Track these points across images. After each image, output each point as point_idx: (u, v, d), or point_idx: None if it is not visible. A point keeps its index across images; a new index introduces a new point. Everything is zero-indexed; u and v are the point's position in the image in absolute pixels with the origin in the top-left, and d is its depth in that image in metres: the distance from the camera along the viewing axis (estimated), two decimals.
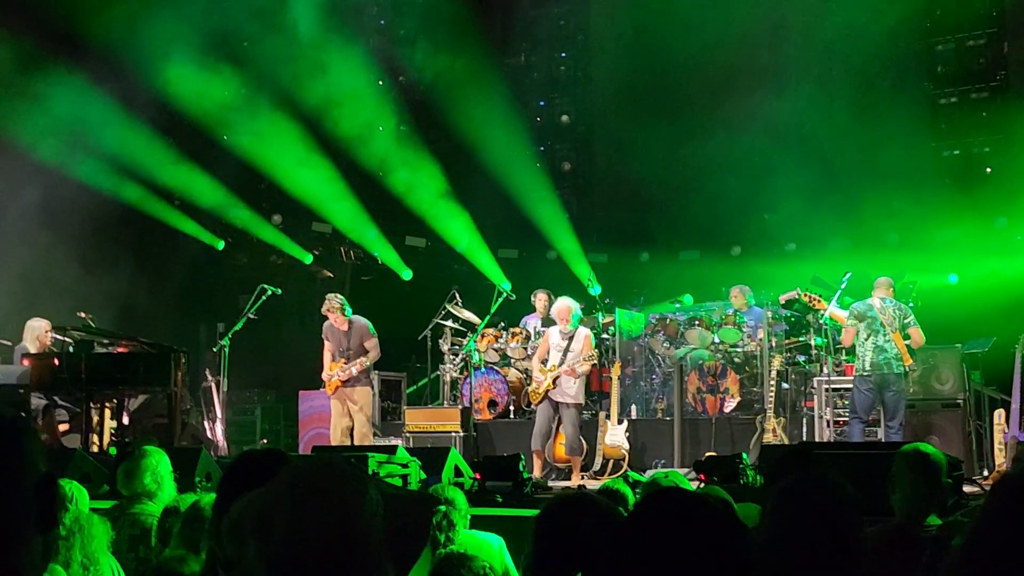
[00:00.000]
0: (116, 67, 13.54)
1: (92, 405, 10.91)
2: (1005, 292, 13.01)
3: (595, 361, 11.72)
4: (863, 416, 10.71)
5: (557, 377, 11.36)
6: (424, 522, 4.38)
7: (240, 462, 3.41)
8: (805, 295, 11.41)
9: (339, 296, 11.79)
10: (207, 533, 3.30)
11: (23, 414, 9.97)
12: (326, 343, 11.71)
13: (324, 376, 11.72)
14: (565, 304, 11.65)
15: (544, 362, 11.59)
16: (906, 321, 10.71)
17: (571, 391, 11.37)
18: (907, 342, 10.72)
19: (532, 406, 11.97)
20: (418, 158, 15.54)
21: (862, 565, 2.61)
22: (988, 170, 14.63)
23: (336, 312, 11.57)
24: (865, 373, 10.70)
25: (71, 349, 11.27)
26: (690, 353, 12.98)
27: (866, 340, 10.72)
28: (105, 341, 11.48)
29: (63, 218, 13.61)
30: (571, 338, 11.49)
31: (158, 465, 5.45)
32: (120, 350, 11.43)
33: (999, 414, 11.03)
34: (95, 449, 10.61)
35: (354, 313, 11.70)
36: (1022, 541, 1.57)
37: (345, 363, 11.48)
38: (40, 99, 13.62)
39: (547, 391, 11.41)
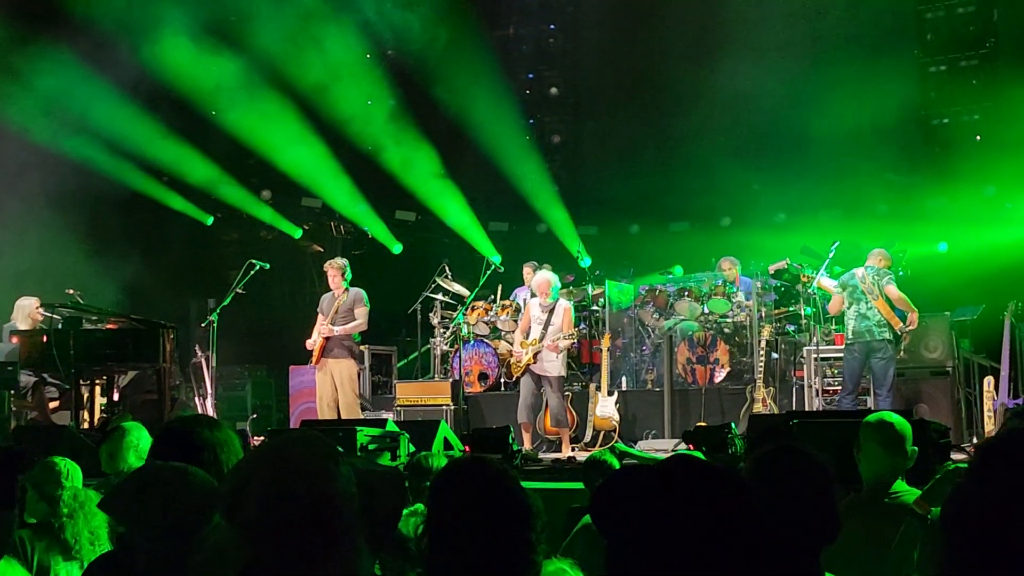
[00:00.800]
0: (104, 43, 13.45)
1: (82, 382, 10.90)
2: (994, 260, 13.02)
3: (575, 340, 11.73)
4: (850, 385, 10.76)
5: (538, 352, 11.37)
6: (399, 499, 4.29)
7: (165, 431, 3.39)
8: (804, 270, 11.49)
9: (344, 260, 11.79)
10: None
11: None
12: (318, 316, 11.67)
13: (308, 344, 11.66)
14: (544, 277, 11.66)
15: (527, 334, 11.60)
16: (882, 283, 10.71)
17: (552, 365, 11.38)
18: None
19: (514, 379, 11.98)
20: (407, 132, 15.47)
21: (837, 533, 2.61)
22: (978, 138, 14.59)
23: (336, 270, 11.54)
24: (849, 341, 10.79)
25: (60, 326, 11.24)
26: (678, 325, 13.00)
27: (849, 308, 10.81)
28: (94, 318, 11.46)
29: (52, 196, 13.55)
30: (551, 311, 11.49)
31: (139, 441, 5.43)
32: (109, 326, 11.41)
33: (988, 381, 11.06)
34: (85, 426, 10.62)
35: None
36: (1001, 505, 1.57)
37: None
38: (28, 76, 13.53)
39: (528, 365, 11.42)
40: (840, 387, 11.05)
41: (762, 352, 11.72)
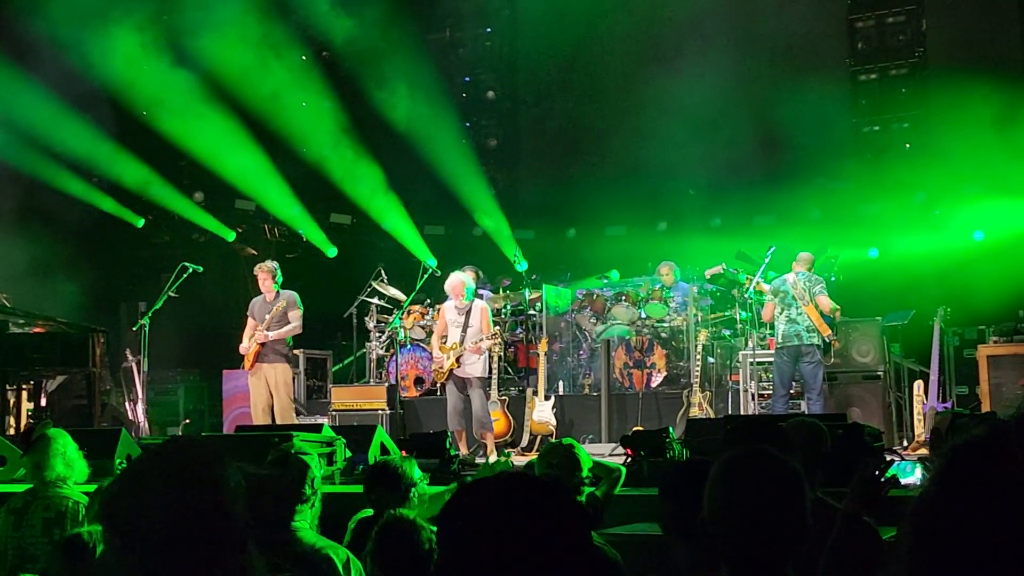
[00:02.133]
0: (33, 41, 13.20)
1: (8, 387, 10.68)
2: (924, 266, 13.27)
3: (499, 340, 11.65)
4: (781, 389, 10.93)
5: (460, 355, 11.27)
6: (289, 500, 4.12)
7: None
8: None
9: (275, 263, 11.57)
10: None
11: None
12: (249, 321, 11.46)
13: (241, 349, 11.41)
14: (458, 279, 11.51)
15: (444, 339, 11.48)
16: (814, 291, 10.93)
17: (474, 367, 11.21)
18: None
19: (438, 385, 11.90)
20: (342, 134, 15.35)
21: (807, 537, 2.56)
22: (907, 146, 14.85)
23: (267, 274, 11.29)
24: (779, 345, 10.99)
25: None
26: (608, 330, 13.04)
27: (780, 314, 11.02)
28: (20, 321, 11.22)
29: None
30: (468, 313, 11.36)
31: (66, 449, 5.32)
32: (36, 330, 11.18)
33: (918, 385, 11.29)
34: (11, 432, 10.38)
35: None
36: (967, 513, 1.57)
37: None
38: None
39: (451, 370, 11.32)
40: (773, 392, 11.20)
41: (698, 356, 11.80)
